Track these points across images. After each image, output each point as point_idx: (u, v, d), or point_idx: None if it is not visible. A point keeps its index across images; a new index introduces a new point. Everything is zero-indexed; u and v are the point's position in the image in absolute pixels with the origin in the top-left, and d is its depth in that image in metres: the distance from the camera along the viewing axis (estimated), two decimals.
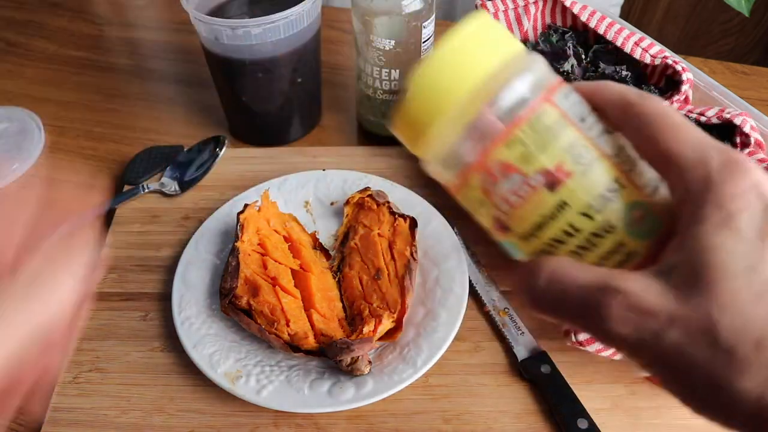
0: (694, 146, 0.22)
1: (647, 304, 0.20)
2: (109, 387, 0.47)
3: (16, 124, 0.70)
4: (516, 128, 0.23)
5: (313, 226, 0.57)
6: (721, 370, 0.19)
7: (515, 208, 0.24)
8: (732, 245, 0.20)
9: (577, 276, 0.22)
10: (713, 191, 0.21)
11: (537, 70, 0.24)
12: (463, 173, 0.25)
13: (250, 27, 0.56)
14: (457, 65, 0.24)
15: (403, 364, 0.45)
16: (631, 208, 0.23)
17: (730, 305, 0.19)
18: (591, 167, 0.23)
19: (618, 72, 0.56)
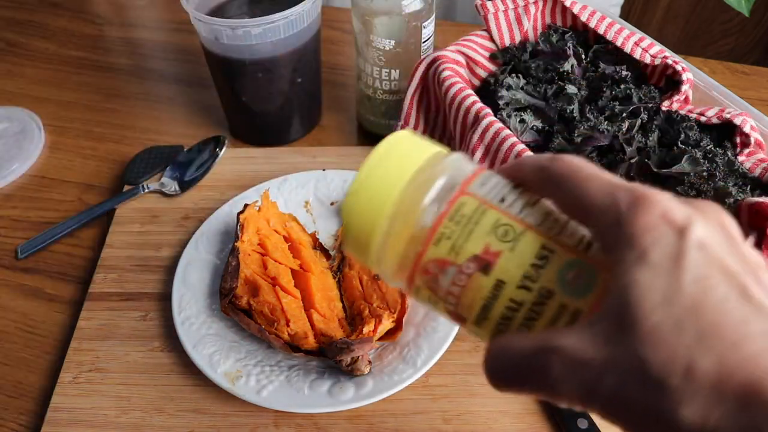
0: (604, 192, 0.22)
1: (581, 356, 0.21)
2: (109, 387, 0.47)
3: (16, 124, 0.70)
4: (438, 226, 0.25)
5: (313, 226, 0.57)
6: (659, 406, 0.19)
7: (460, 298, 0.25)
8: (647, 280, 0.20)
9: (519, 344, 0.23)
10: (624, 231, 0.21)
11: (449, 170, 0.26)
12: (408, 279, 0.26)
13: (250, 27, 0.56)
14: (374, 187, 0.26)
15: (403, 364, 0.45)
16: (564, 269, 0.24)
17: (654, 340, 0.19)
18: (517, 242, 0.24)
19: (618, 72, 0.56)
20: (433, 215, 0.25)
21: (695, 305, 0.19)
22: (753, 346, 0.19)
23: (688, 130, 0.51)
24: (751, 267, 0.21)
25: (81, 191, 0.64)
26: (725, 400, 0.19)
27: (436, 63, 0.57)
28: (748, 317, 0.19)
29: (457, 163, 0.27)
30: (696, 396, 0.19)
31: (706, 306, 0.19)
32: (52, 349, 0.51)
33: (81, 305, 0.52)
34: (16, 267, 0.57)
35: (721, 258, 0.20)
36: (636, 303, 0.20)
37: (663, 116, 0.53)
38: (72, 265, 0.57)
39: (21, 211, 0.62)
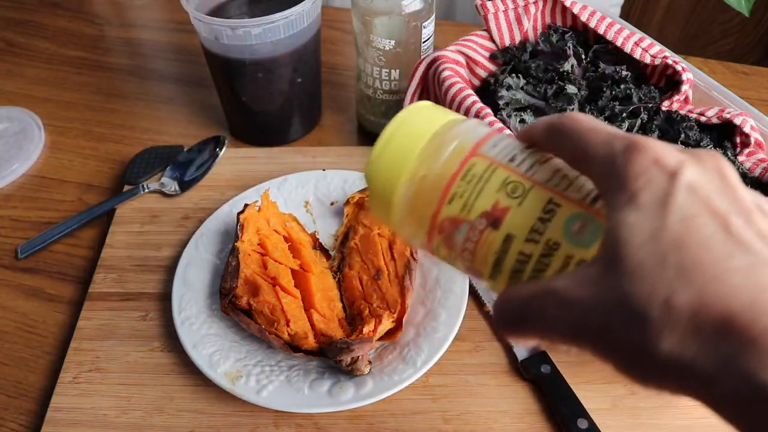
0: (602, 142, 0.23)
1: (571, 296, 0.22)
2: (109, 387, 0.47)
3: (16, 124, 0.70)
4: (451, 186, 0.26)
5: (313, 226, 0.57)
6: (640, 339, 0.20)
7: (474, 254, 0.26)
8: (635, 220, 0.21)
9: (522, 290, 0.24)
10: (618, 177, 0.22)
11: (463, 134, 0.28)
12: (427, 238, 0.28)
13: (250, 27, 0.56)
14: (394, 152, 0.28)
15: (403, 364, 0.45)
16: (569, 222, 0.25)
17: (638, 275, 0.20)
18: (525, 197, 0.25)
19: (618, 72, 0.56)
20: (446, 176, 0.26)
21: (679, 242, 0.20)
22: (732, 280, 0.19)
23: (688, 130, 0.51)
24: (743, 208, 0.21)
25: (81, 191, 0.64)
26: (702, 332, 0.19)
27: (436, 63, 0.57)
28: (731, 253, 0.20)
29: (471, 128, 0.28)
30: (675, 328, 0.19)
31: (689, 243, 0.20)
32: (52, 349, 0.51)
33: (81, 305, 0.52)
34: (16, 267, 0.57)
35: (710, 199, 0.21)
36: (622, 241, 0.21)
37: (663, 116, 0.53)
38: (72, 265, 0.57)
39: (21, 211, 0.62)
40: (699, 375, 0.19)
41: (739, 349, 0.18)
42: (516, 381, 0.47)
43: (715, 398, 0.20)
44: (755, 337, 0.18)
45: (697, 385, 0.20)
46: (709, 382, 0.19)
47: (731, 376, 0.19)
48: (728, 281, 0.19)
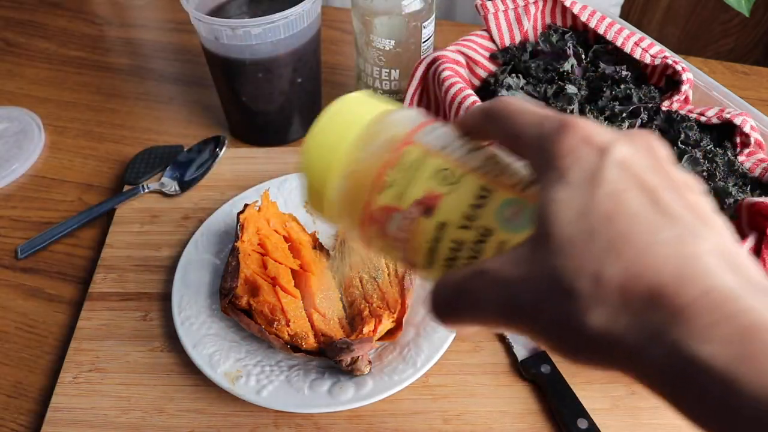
0: (534, 123, 0.23)
1: (504, 275, 0.22)
2: (109, 387, 0.47)
3: (16, 124, 0.70)
4: (384, 175, 0.26)
5: (313, 226, 0.57)
6: (570, 314, 0.20)
7: (408, 243, 0.26)
8: (564, 196, 0.21)
9: (454, 276, 0.24)
10: (548, 155, 0.22)
11: (397, 123, 0.27)
12: (361, 229, 0.27)
13: (250, 27, 0.56)
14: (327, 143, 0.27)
15: (403, 364, 0.45)
16: (502, 207, 0.24)
17: (567, 251, 0.20)
18: (457, 185, 0.25)
19: (618, 72, 0.56)
20: (378, 165, 0.26)
21: (608, 217, 0.20)
22: (660, 253, 0.19)
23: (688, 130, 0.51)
24: (672, 183, 0.21)
25: (81, 191, 0.64)
26: (631, 305, 0.19)
27: (436, 63, 0.57)
28: (659, 226, 0.20)
29: (405, 117, 0.28)
30: (603, 302, 0.19)
31: (618, 217, 0.20)
32: (52, 349, 0.51)
33: (81, 305, 0.52)
34: (16, 267, 0.57)
35: (639, 174, 0.21)
36: (552, 218, 0.21)
37: (663, 116, 0.53)
38: (72, 265, 0.57)
39: (21, 211, 0.62)
40: (628, 348, 0.19)
41: (667, 320, 0.18)
42: (516, 381, 0.47)
43: (643, 370, 0.20)
44: (682, 307, 0.18)
45: (626, 359, 0.20)
46: (637, 355, 0.19)
47: (659, 348, 0.19)
48: (656, 253, 0.19)
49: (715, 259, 0.19)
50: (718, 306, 0.18)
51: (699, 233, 0.20)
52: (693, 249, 0.19)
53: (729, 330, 0.18)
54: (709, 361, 0.18)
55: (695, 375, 0.18)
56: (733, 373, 0.17)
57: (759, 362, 0.17)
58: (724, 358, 0.17)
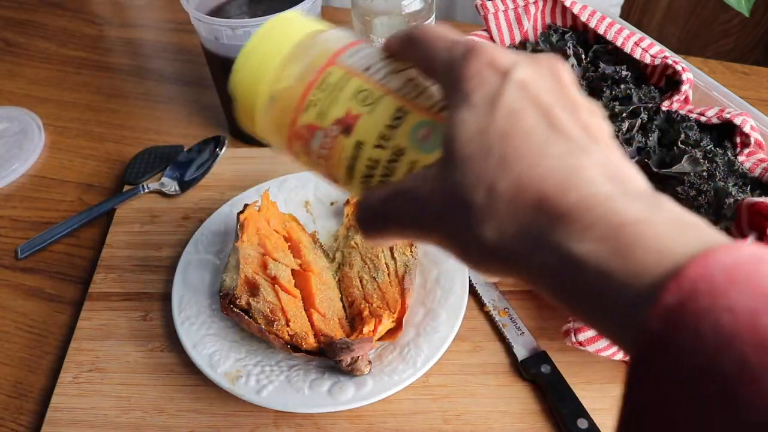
0: (445, 48, 0.24)
1: (417, 193, 0.23)
2: (109, 387, 0.47)
3: (16, 124, 0.70)
4: (307, 94, 0.27)
5: (313, 226, 0.57)
6: (468, 224, 0.22)
7: (329, 160, 0.28)
8: (466, 117, 0.22)
9: (377, 194, 0.25)
10: (455, 79, 0.23)
11: (324, 43, 0.28)
12: (287, 145, 0.29)
13: (250, 27, 0.56)
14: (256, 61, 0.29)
15: (403, 364, 0.45)
16: (415, 129, 0.26)
17: (466, 167, 0.22)
18: (376, 105, 0.26)
19: (618, 72, 0.56)
20: (303, 85, 0.27)
21: (504, 134, 0.21)
22: (547, 165, 0.21)
23: (688, 130, 0.51)
24: (570, 103, 0.22)
25: (81, 191, 0.64)
26: (518, 215, 0.21)
27: None
28: (550, 142, 0.21)
29: (332, 37, 0.29)
30: (495, 212, 0.21)
31: (513, 134, 0.21)
32: (52, 349, 0.51)
33: (81, 305, 0.52)
34: (16, 267, 0.57)
35: (538, 94, 0.22)
36: (454, 138, 0.22)
37: (663, 116, 0.53)
38: (72, 265, 0.57)
39: (21, 211, 0.62)
40: (518, 253, 0.21)
41: (549, 225, 0.20)
42: (516, 381, 0.47)
43: (532, 273, 0.21)
44: (563, 212, 0.20)
45: (518, 263, 0.21)
46: (526, 259, 0.21)
47: (543, 251, 0.20)
48: (543, 166, 0.21)
49: (597, 170, 0.21)
50: (594, 209, 0.19)
51: (586, 148, 0.21)
52: (577, 161, 0.21)
53: (602, 229, 0.19)
54: (586, 257, 0.19)
55: (575, 272, 0.19)
56: (606, 266, 0.19)
57: (625, 254, 0.18)
58: (599, 253, 0.19)
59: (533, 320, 0.50)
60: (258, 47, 0.29)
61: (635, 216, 0.19)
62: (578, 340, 0.45)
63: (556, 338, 0.48)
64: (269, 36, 0.29)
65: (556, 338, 0.49)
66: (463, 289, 0.50)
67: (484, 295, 0.52)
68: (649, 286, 0.18)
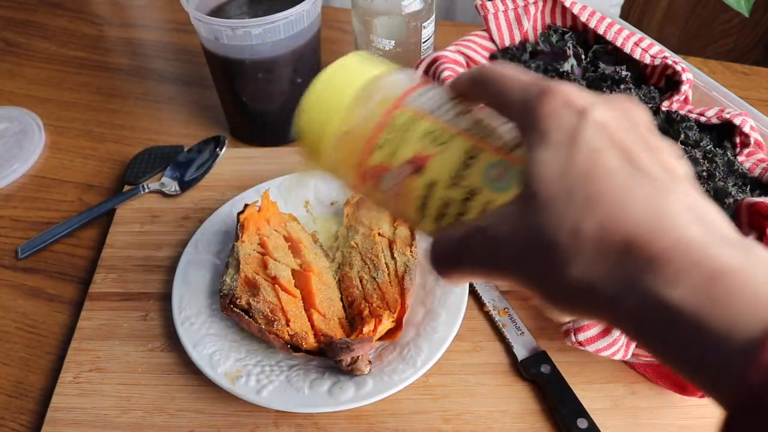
0: (520, 87, 0.25)
1: (495, 232, 0.23)
2: (109, 387, 0.47)
3: (16, 124, 0.70)
4: (377, 136, 0.28)
5: (313, 226, 0.57)
6: (551, 266, 0.21)
7: (399, 199, 0.28)
8: (545, 156, 0.22)
9: (452, 234, 0.25)
10: (531, 119, 0.23)
11: (390, 85, 0.29)
12: (357, 185, 0.29)
13: (251, 27, 0.56)
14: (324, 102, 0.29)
15: (403, 364, 0.45)
16: (489, 168, 0.26)
17: (549, 207, 0.21)
18: (447, 145, 0.26)
19: (618, 72, 0.56)
20: (371, 127, 0.28)
21: (586, 174, 0.21)
22: (634, 207, 0.20)
23: (688, 130, 0.51)
24: (648, 144, 0.22)
25: (81, 191, 0.64)
26: (606, 257, 0.20)
27: (436, 63, 0.57)
28: (634, 183, 0.21)
29: (398, 80, 0.29)
30: (581, 254, 0.21)
31: (595, 174, 0.21)
32: (53, 348, 0.51)
33: (81, 305, 0.53)
34: (16, 267, 0.57)
35: (617, 135, 0.22)
36: (535, 177, 0.22)
37: (663, 116, 0.53)
38: (72, 265, 0.57)
39: (21, 212, 0.62)
40: (604, 295, 0.21)
41: (639, 268, 0.20)
42: (516, 381, 0.47)
43: (619, 316, 0.21)
44: (653, 256, 0.20)
45: (604, 305, 0.21)
46: (614, 301, 0.20)
47: (632, 294, 0.20)
48: (630, 208, 0.20)
49: (685, 212, 0.20)
50: (686, 254, 0.19)
51: (670, 189, 0.21)
52: (664, 203, 0.20)
53: (697, 276, 0.19)
54: (679, 304, 0.19)
55: (666, 318, 0.19)
56: (700, 315, 0.18)
57: (723, 305, 0.18)
58: (693, 301, 0.19)
59: (533, 320, 0.50)
60: (326, 87, 0.29)
61: (731, 264, 0.19)
62: (578, 340, 0.45)
63: (556, 338, 0.48)
64: (334, 79, 0.29)
65: (556, 338, 0.49)
66: (463, 289, 0.50)
67: (484, 295, 0.52)
68: (747, 339, 0.17)
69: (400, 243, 0.51)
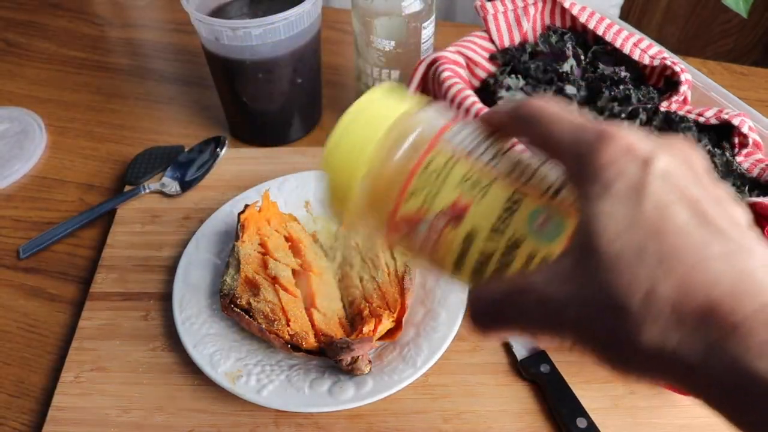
0: (571, 129, 0.23)
1: (549, 291, 0.21)
2: (110, 386, 0.47)
3: (17, 125, 0.70)
4: (409, 183, 0.25)
5: (313, 226, 0.57)
6: (621, 330, 0.20)
7: (434, 252, 0.25)
8: (610, 210, 0.21)
9: (494, 289, 0.23)
10: (589, 167, 0.22)
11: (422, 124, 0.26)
12: (386, 235, 0.26)
13: (251, 28, 0.56)
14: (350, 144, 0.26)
15: (403, 364, 0.46)
16: (532, 216, 0.24)
17: (615, 266, 0.20)
18: (486, 192, 0.24)
19: (617, 73, 0.56)
20: (404, 172, 0.25)
21: (656, 231, 0.20)
22: (712, 269, 0.19)
23: (687, 130, 0.52)
24: (714, 195, 0.21)
25: (82, 191, 0.64)
26: (684, 322, 0.19)
27: (435, 63, 0.58)
28: (708, 240, 0.20)
29: (430, 117, 0.27)
30: (657, 319, 0.19)
31: (666, 231, 0.20)
32: (54, 348, 0.51)
33: (82, 305, 0.53)
34: (17, 267, 0.57)
35: (683, 186, 0.21)
36: (598, 232, 0.20)
37: (662, 117, 0.54)
38: (73, 265, 0.57)
39: (22, 212, 0.62)
40: (682, 364, 0.19)
41: (723, 336, 0.18)
42: (515, 380, 0.48)
43: (700, 386, 0.20)
44: (738, 323, 0.18)
45: (681, 374, 0.20)
46: (693, 371, 0.19)
47: (715, 364, 0.19)
48: (708, 269, 0.19)
49: (764, 273, 0.19)
50: None
51: (747, 248, 0.20)
52: (743, 264, 0.19)
53: None
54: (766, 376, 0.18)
55: (755, 391, 0.18)
56: None
57: None
58: None
59: None
60: (351, 128, 0.26)
61: None
62: None
63: None
64: (363, 115, 0.26)
65: None
66: (463, 288, 0.50)
67: None
68: None
69: None
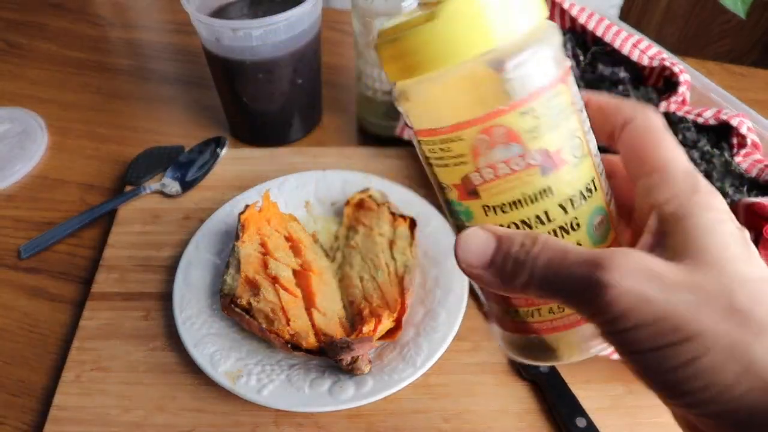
0: (683, 159, 0.24)
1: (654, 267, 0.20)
2: (110, 386, 0.47)
3: (18, 125, 0.70)
4: (534, 100, 0.22)
5: (313, 226, 0.58)
6: (737, 333, 0.19)
7: (499, 179, 0.22)
8: (730, 230, 0.22)
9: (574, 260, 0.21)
10: (702, 198, 0.23)
11: (558, 45, 0.23)
12: (459, 125, 0.22)
13: (251, 28, 0.56)
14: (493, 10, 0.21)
15: (403, 364, 0.46)
16: (596, 211, 0.23)
17: (742, 277, 0.20)
18: (581, 162, 0.23)
19: (616, 73, 0.56)
20: (533, 84, 0.22)
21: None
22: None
23: (686, 131, 0.52)
24: None
25: (83, 192, 0.64)
26: None
27: None
28: None
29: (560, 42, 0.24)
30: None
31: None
32: (55, 348, 0.51)
33: (83, 305, 0.53)
34: (18, 267, 0.57)
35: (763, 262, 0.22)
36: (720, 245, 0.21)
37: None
38: (74, 265, 0.57)
39: (24, 212, 0.62)
40: None
41: None
42: (515, 380, 0.48)
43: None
44: None
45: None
46: None
47: None
48: None
49: None
50: None
51: None
52: None
53: None
54: None
55: None
56: None
57: None
58: None
59: None
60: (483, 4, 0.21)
61: None
62: None
63: None
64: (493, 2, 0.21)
65: None
66: (462, 288, 0.50)
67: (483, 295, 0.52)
68: None
69: (400, 243, 0.52)
